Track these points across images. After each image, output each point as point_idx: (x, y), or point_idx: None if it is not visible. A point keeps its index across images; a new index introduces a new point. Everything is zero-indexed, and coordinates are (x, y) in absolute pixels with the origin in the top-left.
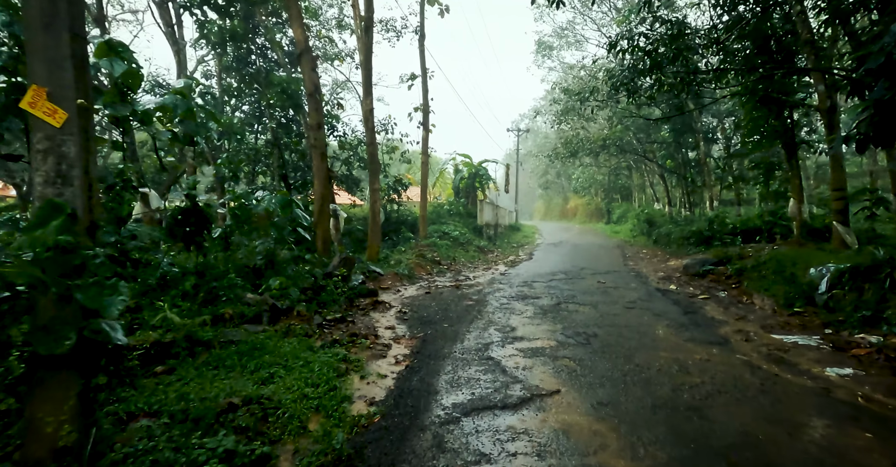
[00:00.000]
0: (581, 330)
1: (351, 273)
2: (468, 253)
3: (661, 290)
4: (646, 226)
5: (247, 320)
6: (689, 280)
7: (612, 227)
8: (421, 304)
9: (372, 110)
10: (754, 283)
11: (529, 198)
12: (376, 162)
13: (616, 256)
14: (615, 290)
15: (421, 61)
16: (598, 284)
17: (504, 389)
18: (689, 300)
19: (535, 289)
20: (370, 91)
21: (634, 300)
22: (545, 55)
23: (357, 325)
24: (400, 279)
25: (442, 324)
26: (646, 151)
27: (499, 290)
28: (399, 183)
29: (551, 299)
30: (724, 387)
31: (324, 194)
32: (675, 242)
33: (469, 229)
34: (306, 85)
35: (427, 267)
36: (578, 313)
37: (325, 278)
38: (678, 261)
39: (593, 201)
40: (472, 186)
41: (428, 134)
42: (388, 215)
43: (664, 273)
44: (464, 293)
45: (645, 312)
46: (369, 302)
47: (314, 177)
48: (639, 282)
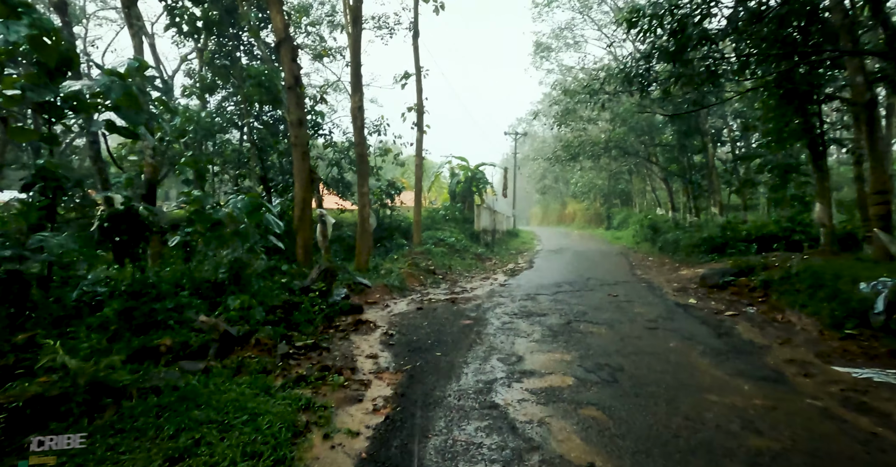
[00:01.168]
0: (602, 359)
1: (332, 286)
2: (465, 261)
3: (681, 305)
4: (649, 233)
5: (189, 353)
6: (709, 292)
7: (613, 233)
8: (411, 324)
9: (361, 107)
10: (787, 298)
11: (526, 203)
12: (366, 163)
13: (622, 264)
14: (630, 305)
15: (415, 59)
16: (610, 298)
17: (517, 464)
18: (715, 318)
19: (539, 303)
20: (359, 86)
21: (655, 318)
22: (543, 57)
23: (332, 354)
24: (390, 292)
25: (434, 350)
26: (650, 154)
27: (499, 305)
28: (392, 187)
29: (560, 317)
30: (817, 459)
31: (305, 197)
32: (684, 250)
33: (465, 235)
34: (286, 77)
35: (420, 277)
36: (594, 336)
37: (302, 293)
38: (691, 271)
39: (592, 206)
40: (469, 190)
41: (422, 135)
42: (381, 221)
43: (678, 284)
44: (460, 309)
45: (671, 334)
46: (351, 321)
47: (295, 179)
48: (653, 294)
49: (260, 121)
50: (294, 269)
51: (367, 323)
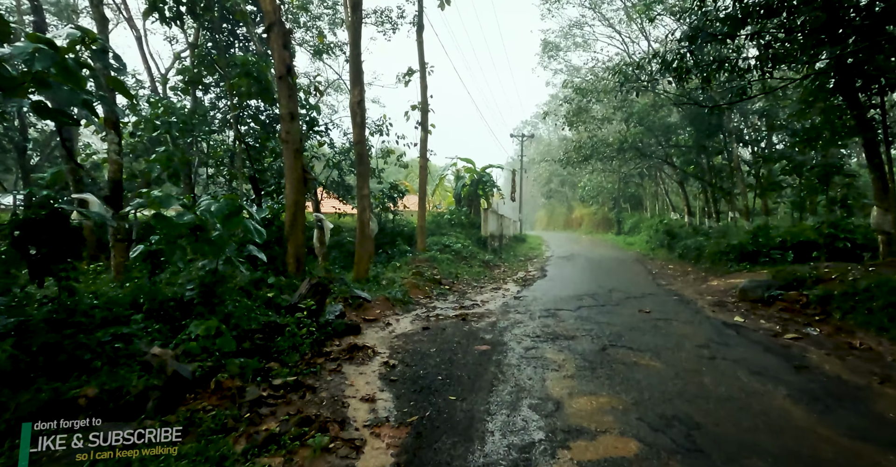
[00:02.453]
0: (665, 408)
1: (325, 303)
2: (472, 268)
3: (730, 325)
4: (666, 238)
5: (124, 404)
6: (752, 308)
7: (624, 239)
8: (416, 349)
9: (361, 102)
10: (856, 319)
11: (531, 208)
12: (366, 163)
13: (642, 273)
14: (668, 325)
15: (419, 55)
16: (642, 315)
17: None
18: (776, 343)
19: (563, 321)
20: (359, 79)
21: (705, 343)
22: (551, 56)
23: (318, 395)
24: (392, 306)
25: (447, 391)
26: (668, 155)
27: (517, 324)
28: (395, 189)
29: (592, 341)
30: None
31: (297, 200)
32: (709, 258)
33: (472, 241)
34: (276, 65)
35: (425, 288)
36: (641, 369)
37: (289, 313)
38: (723, 281)
39: (600, 211)
40: (475, 194)
41: (427, 135)
42: (383, 225)
43: (712, 297)
44: (473, 329)
45: (736, 367)
46: (346, 347)
47: (286, 180)
48: (690, 310)
49: (251, 117)
50: (283, 282)
51: (365, 348)
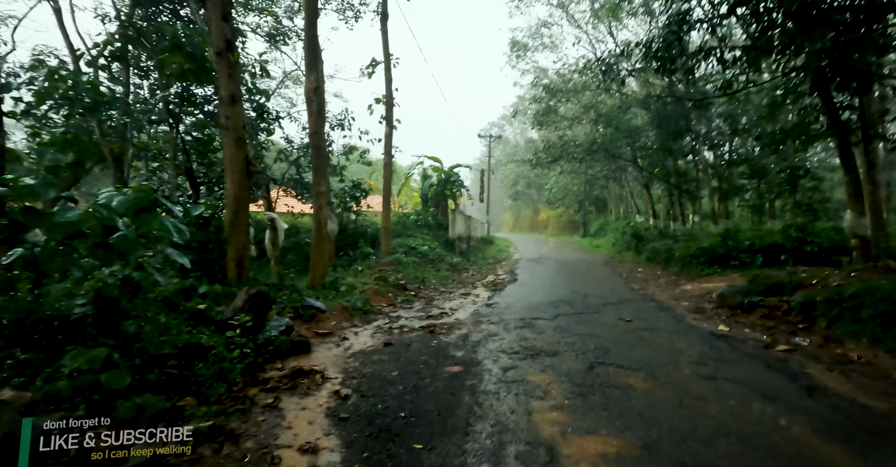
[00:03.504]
0: (682, 454)
1: (267, 316)
2: (440, 272)
3: (718, 336)
4: (633, 241)
5: None
6: (732, 315)
7: (590, 241)
8: (375, 373)
9: (318, 89)
10: (844, 328)
11: (498, 210)
12: (323, 156)
13: (612, 276)
14: (653, 336)
15: (384, 46)
16: (624, 324)
17: None
18: (771, 356)
19: (541, 333)
20: (316, 64)
21: (699, 358)
22: (519, 56)
23: (241, 447)
24: (350, 316)
25: (411, 436)
26: (635, 157)
27: (492, 337)
28: (358, 188)
29: (577, 357)
30: None
31: (239, 196)
32: (679, 261)
33: (439, 243)
34: (213, 40)
35: (389, 294)
36: (638, 393)
37: (219, 330)
38: (696, 286)
39: (566, 213)
40: (443, 194)
41: (392, 130)
42: (345, 226)
43: (689, 302)
44: (442, 344)
45: (742, 390)
46: (289, 371)
47: (226, 173)
48: (671, 318)
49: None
50: (219, 290)
51: (312, 373)
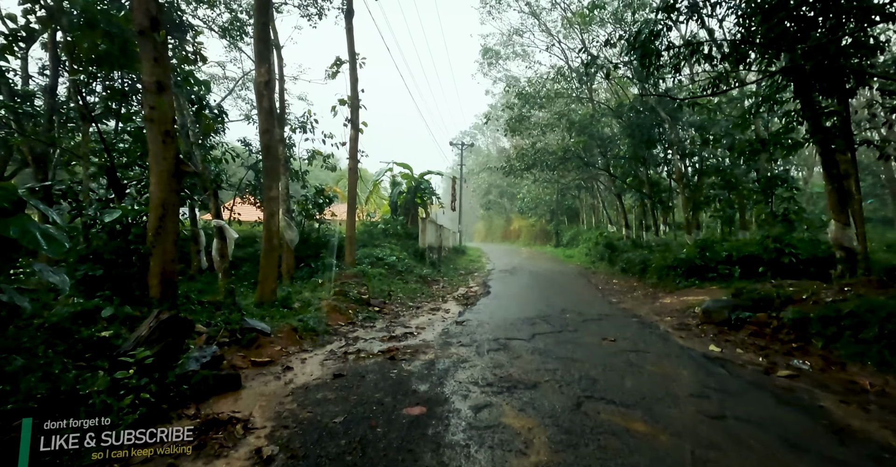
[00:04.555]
0: None
1: (183, 346)
2: (408, 285)
3: (711, 359)
4: (606, 252)
5: None
6: (719, 332)
7: (563, 251)
8: (315, 421)
9: (270, 83)
10: (846, 349)
11: (469, 219)
12: (275, 158)
13: (588, 289)
14: (642, 359)
15: (349, 44)
16: (608, 345)
17: None
18: (769, 382)
19: (518, 357)
20: (266, 55)
21: (699, 389)
22: (491, 63)
23: None
24: (299, 340)
25: None
26: (608, 166)
27: (462, 364)
28: (321, 195)
29: (560, 390)
30: None
31: (166, 200)
32: (655, 272)
33: (408, 253)
34: (135, 16)
35: (349, 311)
36: (638, 442)
37: (112, 369)
38: (675, 299)
39: (538, 223)
40: (413, 202)
41: (358, 133)
42: (307, 235)
43: (671, 317)
44: (403, 374)
45: (760, 433)
46: (202, 420)
47: (150, 172)
48: (656, 337)
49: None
50: (129, 313)
51: (232, 423)
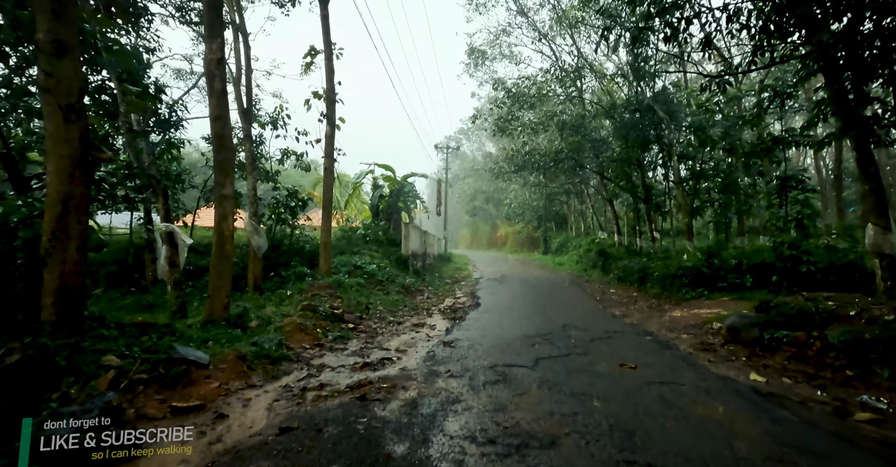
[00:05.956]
0: None
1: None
2: (389, 296)
3: (761, 393)
4: (599, 259)
5: None
6: (751, 355)
7: (553, 258)
8: None
9: (221, 61)
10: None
11: (455, 226)
12: (227, 150)
13: (586, 300)
14: (678, 396)
15: (324, 33)
16: (628, 373)
17: None
18: (854, 431)
19: (523, 393)
20: (219, 30)
21: (770, 446)
22: (477, 64)
23: None
24: (247, 371)
25: None
26: (602, 168)
27: (452, 406)
28: (294, 197)
29: (590, 454)
30: None
31: (69, 194)
32: (657, 281)
33: (391, 261)
34: None
35: (317, 330)
36: None
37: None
38: (685, 311)
39: (525, 229)
40: (396, 206)
41: (334, 130)
42: (279, 242)
43: (689, 335)
44: (374, 424)
45: None
46: None
47: (46, 159)
48: (679, 360)
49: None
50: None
51: None
